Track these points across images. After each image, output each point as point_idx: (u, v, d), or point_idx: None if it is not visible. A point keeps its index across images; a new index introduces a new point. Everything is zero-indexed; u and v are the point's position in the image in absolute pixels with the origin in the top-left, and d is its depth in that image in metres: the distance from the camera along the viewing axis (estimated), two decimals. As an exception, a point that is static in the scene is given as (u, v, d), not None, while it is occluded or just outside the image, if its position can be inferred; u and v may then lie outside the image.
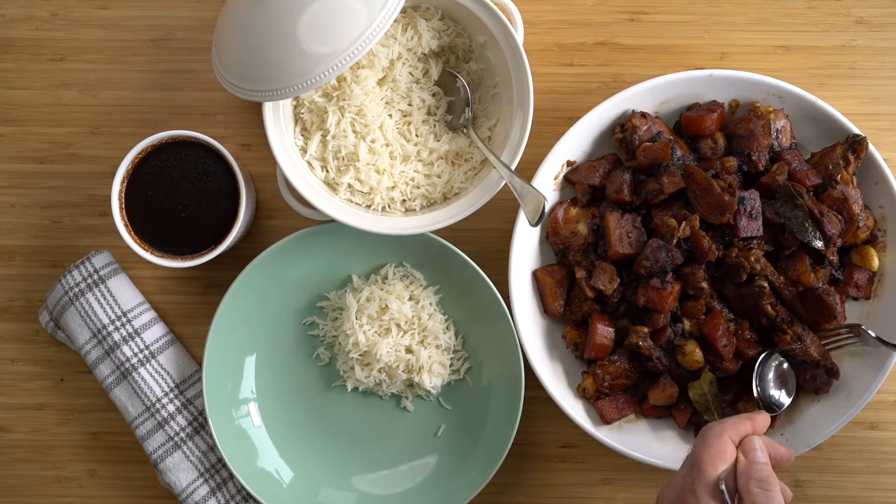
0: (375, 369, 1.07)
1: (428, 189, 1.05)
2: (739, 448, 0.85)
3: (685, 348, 0.99)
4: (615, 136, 1.04)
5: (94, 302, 1.07)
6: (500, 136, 1.05)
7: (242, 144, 1.11)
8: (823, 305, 0.99)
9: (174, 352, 1.10)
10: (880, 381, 1.01)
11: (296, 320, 1.10)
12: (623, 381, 1.03)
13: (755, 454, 0.84)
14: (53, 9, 1.11)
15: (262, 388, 1.10)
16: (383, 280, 1.09)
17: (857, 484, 1.11)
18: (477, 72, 1.07)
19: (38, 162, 1.11)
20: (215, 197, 1.03)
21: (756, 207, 0.98)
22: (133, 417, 1.08)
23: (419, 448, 1.10)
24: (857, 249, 1.03)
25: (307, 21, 0.91)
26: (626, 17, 1.11)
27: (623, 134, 1.03)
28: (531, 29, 1.10)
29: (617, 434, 1.04)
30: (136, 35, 1.11)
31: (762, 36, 1.11)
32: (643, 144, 1.01)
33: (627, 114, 1.03)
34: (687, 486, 0.83)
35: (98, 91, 1.11)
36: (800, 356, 0.99)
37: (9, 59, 1.11)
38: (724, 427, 0.86)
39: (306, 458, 1.10)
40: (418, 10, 1.04)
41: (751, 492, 0.81)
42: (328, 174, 1.04)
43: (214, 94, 1.10)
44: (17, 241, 1.11)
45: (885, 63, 1.10)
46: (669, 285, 0.99)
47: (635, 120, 1.02)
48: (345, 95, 1.00)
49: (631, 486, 1.11)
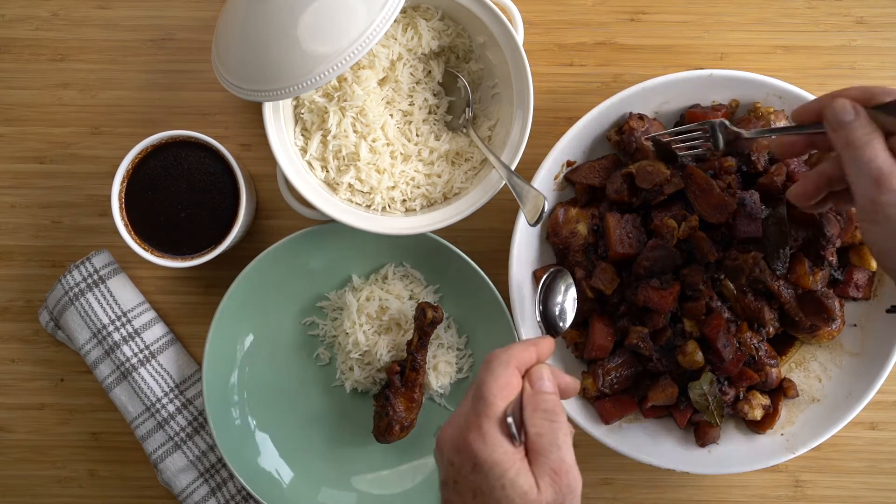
0: (375, 369, 1.07)
1: (428, 189, 1.05)
2: (525, 378, 0.80)
3: (685, 348, 0.99)
4: (611, 139, 1.03)
5: (94, 302, 1.07)
6: (500, 136, 1.05)
7: (242, 144, 1.11)
8: (822, 308, 0.99)
9: (174, 352, 1.10)
10: (880, 381, 1.01)
11: (296, 320, 1.10)
12: (623, 382, 1.03)
13: (542, 384, 0.79)
14: (53, 9, 1.11)
15: (262, 388, 1.10)
16: (383, 280, 1.09)
17: (856, 484, 1.11)
18: (477, 72, 1.07)
19: (38, 162, 1.11)
20: (215, 197, 1.03)
21: (756, 208, 0.98)
22: (133, 417, 1.08)
23: (419, 448, 1.10)
24: (855, 250, 1.03)
25: (307, 21, 0.91)
26: (626, 17, 1.11)
27: (620, 136, 1.02)
28: (531, 29, 1.10)
29: (617, 434, 1.04)
30: (136, 35, 1.11)
31: (762, 36, 1.11)
32: (639, 167, 1.01)
33: (625, 117, 1.03)
34: (472, 422, 0.77)
35: (98, 91, 1.11)
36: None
37: (9, 59, 1.11)
38: (510, 356, 0.80)
39: (306, 458, 1.10)
40: (418, 10, 1.04)
41: (535, 423, 0.76)
42: (328, 174, 1.04)
43: (214, 94, 1.10)
44: (17, 241, 1.11)
45: (885, 63, 1.10)
46: (669, 285, 0.99)
47: (633, 122, 1.02)
48: (346, 96, 1.01)
49: (631, 486, 1.11)
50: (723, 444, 1.03)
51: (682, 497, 1.11)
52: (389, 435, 1.04)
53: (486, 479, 0.74)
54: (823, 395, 1.04)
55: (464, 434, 0.76)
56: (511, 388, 0.78)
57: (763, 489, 1.11)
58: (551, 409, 0.77)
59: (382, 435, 1.05)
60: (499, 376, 0.78)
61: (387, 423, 1.04)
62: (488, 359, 0.81)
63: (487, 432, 0.75)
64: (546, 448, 0.76)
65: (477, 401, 0.77)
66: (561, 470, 0.75)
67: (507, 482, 0.74)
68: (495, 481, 0.74)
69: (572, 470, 0.76)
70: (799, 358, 1.06)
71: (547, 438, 0.76)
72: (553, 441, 0.76)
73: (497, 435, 0.75)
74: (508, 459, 0.75)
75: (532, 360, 0.82)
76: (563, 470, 0.75)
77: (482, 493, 0.74)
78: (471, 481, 0.75)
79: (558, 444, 0.76)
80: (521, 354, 0.81)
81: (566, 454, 0.76)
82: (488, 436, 0.75)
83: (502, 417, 0.76)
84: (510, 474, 0.74)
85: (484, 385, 0.78)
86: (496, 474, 0.74)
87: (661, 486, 1.11)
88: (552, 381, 0.80)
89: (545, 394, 0.78)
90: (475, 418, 0.76)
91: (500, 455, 0.75)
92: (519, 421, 0.77)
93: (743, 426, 1.04)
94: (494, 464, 0.74)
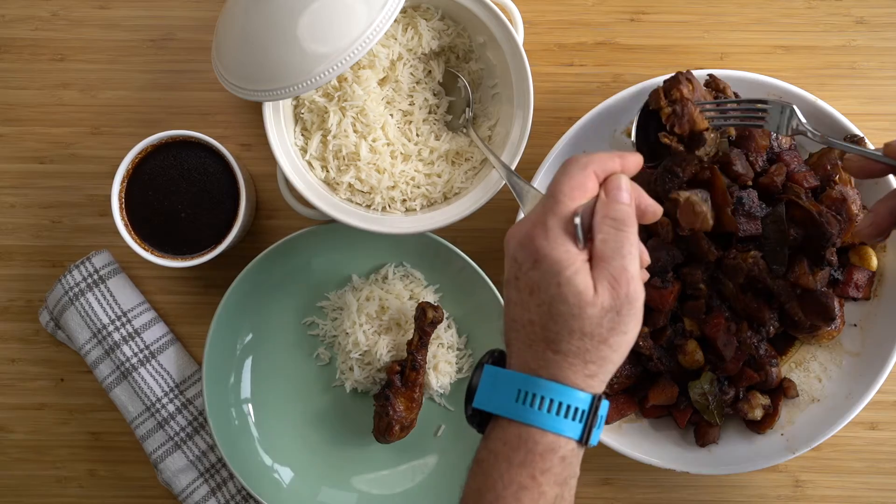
0: (375, 369, 1.07)
1: (428, 189, 1.05)
2: (603, 185, 0.76)
3: (685, 348, 0.99)
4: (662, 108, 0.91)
5: (94, 302, 1.07)
6: (500, 136, 1.05)
7: (242, 144, 1.11)
8: (822, 308, 0.99)
9: (174, 352, 1.10)
10: (880, 381, 1.01)
11: (296, 320, 1.10)
12: (623, 381, 1.03)
13: (618, 193, 0.75)
14: (53, 9, 1.11)
15: (262, 388, 1.10)
16: (383, 280, 1.09)
17: (856, 484, 1.11)
18: (477, 72, 1.07)
19: (38, 162, 1.11)
20: (215, 197, 1.03)
21: (754, 207, 0.98)
22: (133, 417, 1.08)
23: (419, 448, 1.10)
24: (855, 250, 1.03)
25: (307, 21, 0.91)
26: (626, 17, 1.11)
27: (672, 106, 0.91)
28: (531, 29, 1.10)
29: (617, 434, 1.04)
30: (136, 35, 1.11)
31: (762, 36, 1.11)
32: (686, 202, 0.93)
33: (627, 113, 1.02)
34: (539, 218, 0.74)
35: (98, 91, 1.11)
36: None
37: (9, 59, 1.11)
38: (591, 160, 0.76)
39: (306, 458, 1.10)
40: (418, 10, 1.04)
41: (603, 230, 0.73)
42: (328, 174, 1.04)
43: (214, 94, 1.10)
44: (17, 241, 1.11)
45: (885, 63, 1.10)
46: (670, 284, 0.99)
47: (682, 87, 0.89)
48: (346, 96, 1.01)
49: (631, 486, 1.11)
50: (723, 444, 1.03)
51: (682, 497, 1.11)
52: (389, 435, 1.04)
53: (545, 275, 0.73)
54: (823, 395, 1.04)
55: (529, 230, 0.74)
56: (584, 190, 0.75)
57: (763, 489, 1.11)
58: (621, 217, 0.74)
59: (382, 435, 1.05)
60: (573, 176, 0.75)
61: (387, 423, 1.04)
62: (566, 161, 0.77)
63: (552, 229, 0.73)
64: (609, 255, 0.73)
65: (547, 198, 0.75)
66: (622, 278, 0.72)
67: (563, 280, 0.72)
68: (552, 278, 0.72)
69: (633, 281, 0.73)
70: (799, 358, 1.06)
71: (611, 245, 0.73)
72: (618, 249, 0.73)
73: (561, 233, 0.73)
74: (569, 258, 0.72)
75: (615, 168, 0.77)
76: (623, 278, 0.72)
77: (539, 290, 0.73)
78: (530, 277, 0.74)
79: (623, 252, 0.73)
80: (603, 160, 0.76)
81: (629, 264, 0.73)
82: (552, 232, 0.73)
83: (570, 217, 0.73)
84: (568, 272, 0.72)
85: (556, 183, 0.75)
86: (554, 271, 0.72)
87: (661, 486, 1.11)
88: (630, 193, 0.76)
89: (619, 203, 0.75)
90: (542, 215, 0.74)
91: (561, 253, 0.72)
92: (587, 225, 0.74)
93: (743, 426, 1.04)
94: (554, 261, 0.72)
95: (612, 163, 0.77)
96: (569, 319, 0.72)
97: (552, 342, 0.73)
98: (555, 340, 0.73)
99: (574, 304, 0.72)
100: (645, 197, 0.78)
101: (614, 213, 0.74)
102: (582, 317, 0.72)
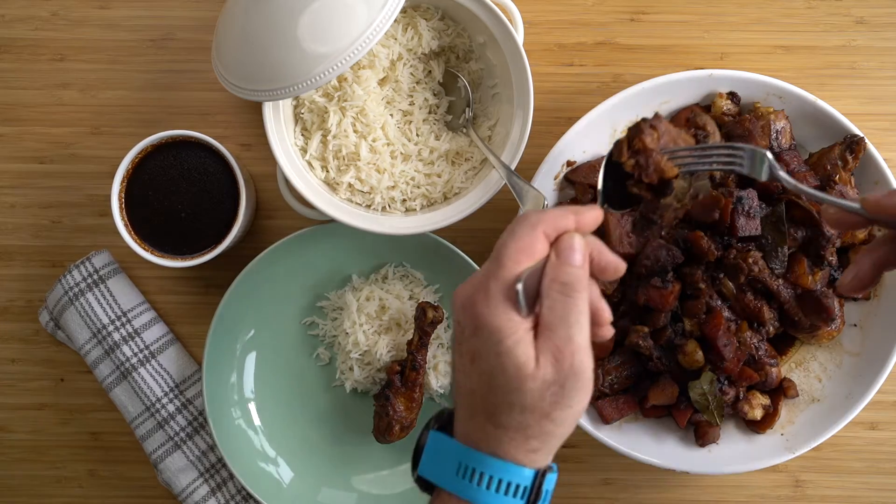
0: (375, 369, 1.07)
1: (428, 189, 1.05)
2: (554, 245, 0.71)
3: (685, 348, 0.99)
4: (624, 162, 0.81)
5: (94, 302, 1.07)
6: (500, 136, 1.05)
7: (242, 144, 1.11)
8: (822, 308, 0.99)
9: (174, 352, 1.10)
10: (880, 381, 1.01)
11: (296, 320, 1.10)
12: (623, 381, 1.03)
13: (569, 254, 0.69)
14: (53, 9, 1.11)
15: (262, 388, 1.10)
16: (383, 280, 1.09)
17: (856, 484, 1.11)
18: (477, 72, 1.07)
19: (38, 162, 1.11)
20: (215, 197, 1.03)
21: (754, 206, 0.98)
22: (133, 417, 1.08)
23: (419, 448, 1.10)
24: (855, 250, 1.03)
25: (307, 21, 0.91)
26: (626, 17, 1.11)
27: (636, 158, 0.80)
28: (531, 29, 1.10)
29: (617, 434, 1.04)
30: (136, 35, 1.11)
31: (762, 36, 1.11)
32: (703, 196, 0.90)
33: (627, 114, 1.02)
34: (482, 282, 0.69)
35: (98, 91, 1.11)
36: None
37: (9, 59, 1.11)
38: (541, 219, 0.70)
39: (306, 458, 1.10)
40: (418, 10, 1.04)
41: (550, 296, 0.68)
42: (328, 174, 1.04)
43: (214, 94, 1.11)
44: (17, 241, 1.11)
45: (885, 63, 1.10)
46: (670, 284, 0.99)
47: (646, 138, 0.79)
48: (346, 96, 1.01)
49: (631, 486, 1.11)
50: (723, 444, 1.03)
51: (682, 497, 1.11)
52: (389, 435, 1.04)
53: (484, 343, 0.69)
54: (823, 395, 1.04)
55: (472, 294, 0.70)
56: (531, 252, 0.70)
57: (763, 489, 1.11)
58: (570, 282, 0.69)
59: (382, 435, 1.05)
60: (520, 238, 0.70)
61: (387, 423, 1.04)
62: (516, 219, 0.72)
63: (493, 295, 0.68)
64: (555, 323, 0.68)
65: (491, 261, 0.70)
66: (567, 349, 0.68)
67: (503, 350, 0.68)
68: (492, 347, 0.68)
69: (580, 352, 0.68)
70: (799, 358, 1.06)
71: (558, 313, 0.68)
72: (564, 317, 0.68)
73: (502, 300, 0.68)
74: (510, 327, 0.68)
75: (567, 226, 0.72)
76: (568, 349, 0.68)
77: (479, 358, 0.69)
78: (471, 344, 0.70)
79: (569, 321, 0.68)
80: (554, 218, 0.71)
81: (576, 333, 0.68)
82: (493, 299, 0.68)
83: (512, 282, 0.69)
84: (508, 342, 0.68)
85: (501, 244, 0.70)
86: (494, 340, 0.68)
87: (661, 486, 1.11)
88: (583, 254, 0.70)
89: (569, 266, 0.69)
90: (484, 279, 0.70)
91: (501, 321, 0.68)
92: (532, 291, 0.69)
93: (743, 426, 1.04)
94: (494, 329, 0.68)
95: (564, 221, 0.71)
96: (508, 393, 0.68)
97: (492, 415, 0.69)
98: (495, 413, 0.69)
99: (514, 376, 0.68)
100: (606, 253, 0.72)
101: (563, 277, 0.69)
102: (522, 390, 0.68)
